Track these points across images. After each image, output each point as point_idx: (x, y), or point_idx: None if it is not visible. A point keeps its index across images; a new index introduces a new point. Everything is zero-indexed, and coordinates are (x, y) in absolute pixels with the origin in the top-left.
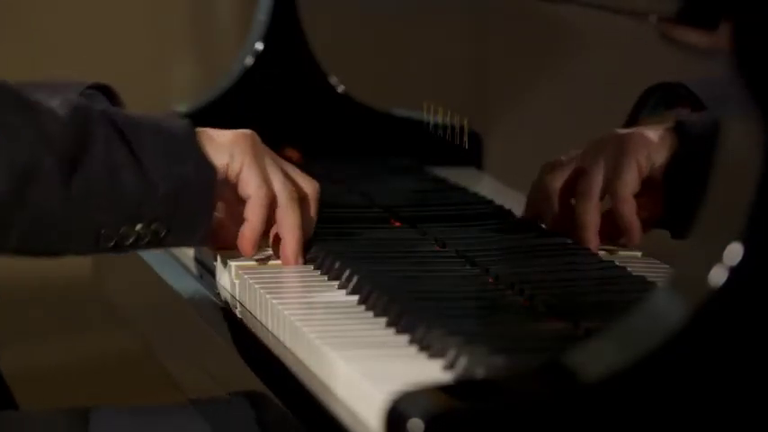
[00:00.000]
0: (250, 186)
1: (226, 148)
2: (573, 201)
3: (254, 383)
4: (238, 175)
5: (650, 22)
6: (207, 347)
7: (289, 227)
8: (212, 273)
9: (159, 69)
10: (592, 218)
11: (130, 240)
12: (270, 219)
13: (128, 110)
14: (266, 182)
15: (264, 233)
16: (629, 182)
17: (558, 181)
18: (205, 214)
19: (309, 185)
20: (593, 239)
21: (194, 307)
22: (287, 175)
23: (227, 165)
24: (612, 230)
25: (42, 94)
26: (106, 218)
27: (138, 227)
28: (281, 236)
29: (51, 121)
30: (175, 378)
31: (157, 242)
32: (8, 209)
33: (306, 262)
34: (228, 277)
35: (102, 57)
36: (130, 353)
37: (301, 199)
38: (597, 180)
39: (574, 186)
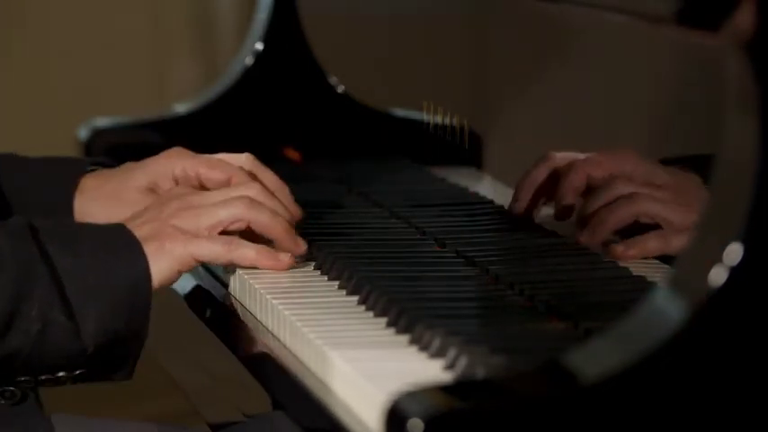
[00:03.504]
0: (219, 256)
1: (167, 253)
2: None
3: (253, 383)
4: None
5: (650, 22)
6: (206, 348)
7: (267, 228)
8: (212, 272)
9: (159, 69)
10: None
11: (49, 383)
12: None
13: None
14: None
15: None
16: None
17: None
18: (131, 358)
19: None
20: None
21: (194, 307)
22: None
23: (178, 269)
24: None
25: None
26: (27, 372)
27: (61, 374)
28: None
29: None
30: (175, 378)
31: (78, 380)
32: None
33: (306, 262)
34: (229, 277)
35: (102, 57)
36: None
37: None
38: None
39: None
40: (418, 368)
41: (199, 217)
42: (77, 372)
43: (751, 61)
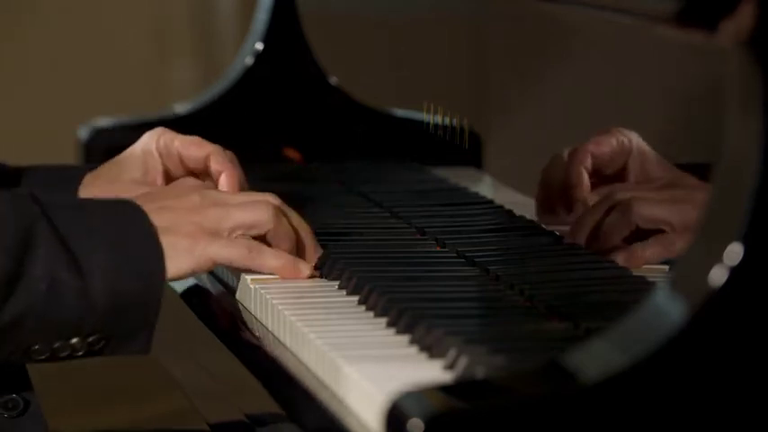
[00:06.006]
0: (237, 261)
1: (185, 251)
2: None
3: (254, 383)
4: (213, 264)
5: (650, 22)
6: (206, 348)
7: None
8: (211, 272)
9: (159, 69)
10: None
11: (65, 353)
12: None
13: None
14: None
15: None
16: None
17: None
18: (147, 327)
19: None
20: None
21: (193, 306)
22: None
23: (193, 269)
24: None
25: None
26: (39, 338)
27: (74, 341)
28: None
29: None
30: (175, 378)
31: (95, 353)
32: None
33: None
34: (229, 277)
35: (102, 57)
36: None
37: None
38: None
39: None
40: (418, 368)
41: (220, 216)
42: (91, 338)
43: (751, 61)
